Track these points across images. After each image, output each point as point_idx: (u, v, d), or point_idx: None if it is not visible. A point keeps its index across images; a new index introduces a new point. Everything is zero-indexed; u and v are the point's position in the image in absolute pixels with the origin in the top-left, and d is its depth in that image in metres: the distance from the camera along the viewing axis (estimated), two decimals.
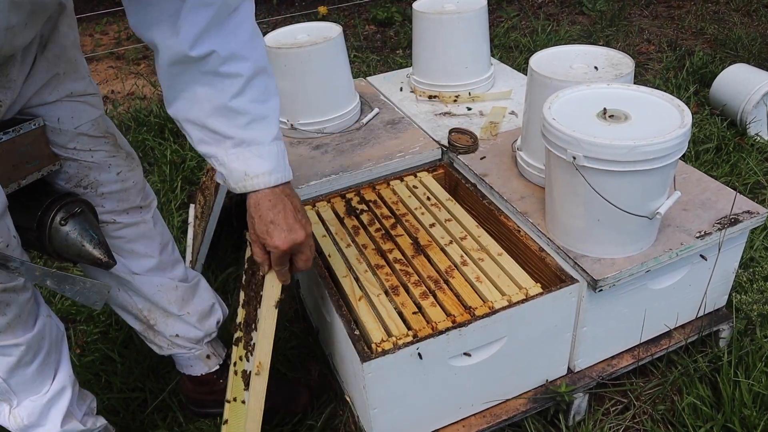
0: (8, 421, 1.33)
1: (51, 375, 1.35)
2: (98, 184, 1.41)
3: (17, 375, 1.29)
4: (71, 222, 1.31)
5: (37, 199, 1.31)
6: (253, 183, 1.23)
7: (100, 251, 1.34)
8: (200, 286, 1.67)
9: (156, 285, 1.55)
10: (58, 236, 1.31)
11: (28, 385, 1.31)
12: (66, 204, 1.32)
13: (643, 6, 4.58)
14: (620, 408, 1.71)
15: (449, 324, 1.38)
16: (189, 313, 1.62)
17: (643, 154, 1.31)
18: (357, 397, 1.47)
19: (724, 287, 1.74)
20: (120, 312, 1.63)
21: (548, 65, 1.68)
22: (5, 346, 1.25)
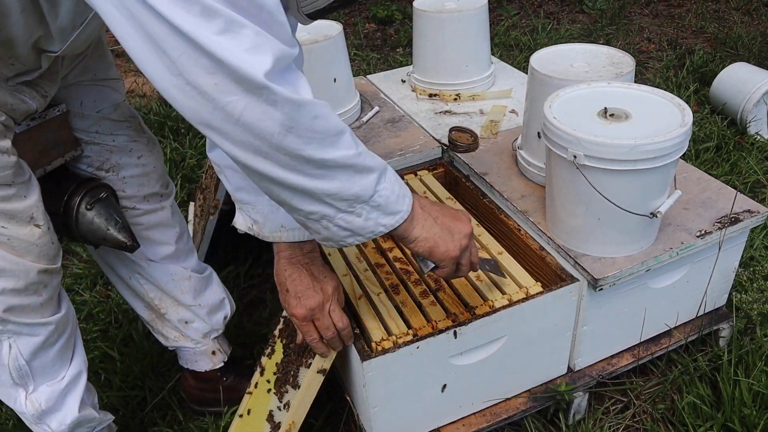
0: (25, 407, 1.33)
1: (68, 359, 1.37)
2: (120, 168, 1.45)
3: (39, 357, 1.30)
4: (97, 206, 1.35)
5: (61, 184, 1.35)
6: (289, 235, 1.23)
7: (125, 235, 1.37)
8: (212, 280, 1.69)
9: (170, 273, 1.58)
10: (84, 221, 1.34)
11: (47, 368, 1.32)
12: (91, 189, 1.36)
13: (643, 5, 4.58)
14: (620, 407, 1.71)
15: (449, 323, 1.38)
16: (200, 305, 1.65)
17: (644, 153, 1.30)
18: (357, 395, 1.47)
19: (724, 286, 1.74)
20: (130, 299, 1.65)
21: (549, 64, 1.68)
22: (34, 324, 1.27)
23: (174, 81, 0.87)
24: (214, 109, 0.88)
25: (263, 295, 2.25)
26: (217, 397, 1.76)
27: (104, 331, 2.13)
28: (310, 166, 0.96)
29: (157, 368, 1.96)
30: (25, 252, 1.19)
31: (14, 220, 1.17)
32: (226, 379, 1.76)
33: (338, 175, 0.99)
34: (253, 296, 2.24)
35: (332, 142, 0.97)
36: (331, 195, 1.00)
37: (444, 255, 1.17)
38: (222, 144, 0.93)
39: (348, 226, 1.05)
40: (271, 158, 0.94)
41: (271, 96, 0.89)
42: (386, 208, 1.06)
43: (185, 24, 0.82)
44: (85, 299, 2.25)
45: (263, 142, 0.92)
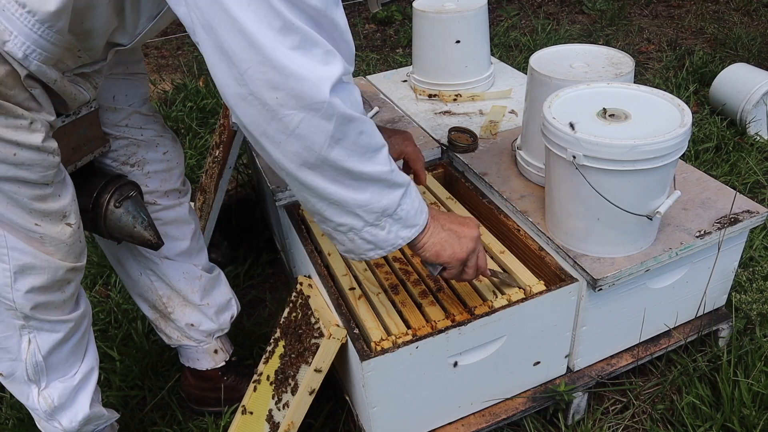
0: (37, 403, 1.34)
1: (81, 356, 1.38)
2: (145, 162, 1.48)
3: (56, 354, 1.31)
4: (125, 204, 1.37)
5: (90, 180, 1.37)
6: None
7: (151, 233, 1.40)
8: (220, 280, 1.71)
9: (182, 272, 1.60)
10: (113, 217, 1.37)
11: (61, 364, 1.34)
12: (120, 186, 1.38)
13: (642, 5, 4.58)
14: (619, 407, 1.71)
15: (449, 323, 1.38)
16: (208, 304, 1.66)
17: (644, 154, 1.30)
18: (356, 395, 1.47)
19: (723, 287, 1.74)
20: (137, 298, 1.66)
21: (548, 64, 1.68)
22: (56, 321, 1.28)
23: (238, 90, 0.94)
24: (271, 120, 0.96)
25: (263, 295, 2.25)
26: (217, 397, 1.76)
27: (104, 330, 2.13)
28: (348, 177, 1.04)
29: (156, 368, 1.96)
30: (55, 250, 1.21)
31: (48, 219, 1.18)
32: (227, 378, 1.76)
33: (370, 188, 1.07)
34: (253, 296, 2.24)
35: (371, 157, 1.06)
36: (362, 206, 1.08)
37: (450, 257, 1.24)
38: (271, 153, 1.01)
39: (372, 239, 1.13)
40: (315, 169, 1.02)
41: (328, 110, 0.97)
42: (406, 221, 1.15)
43: (264, 39, 0.90)
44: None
45: (311, 154, 1.00)
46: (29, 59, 1.04)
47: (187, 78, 3.84)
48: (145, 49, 4.47)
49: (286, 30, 0.91)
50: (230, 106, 0.98)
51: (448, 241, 1.23)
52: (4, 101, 1.04)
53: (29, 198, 1.14)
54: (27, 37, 1.02)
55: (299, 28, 0.92)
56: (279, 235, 2.12)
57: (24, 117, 1.07)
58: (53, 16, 1.02)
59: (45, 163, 1.13)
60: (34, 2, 1.00)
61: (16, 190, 1.12)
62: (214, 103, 3.40)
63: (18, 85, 1.05)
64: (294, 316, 1.54)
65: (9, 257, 1.17)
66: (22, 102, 1.07)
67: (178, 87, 3.67)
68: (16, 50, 1.02)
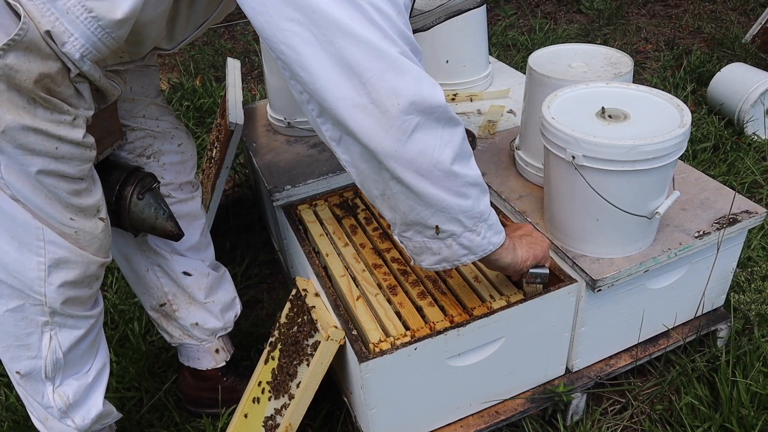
0: (53, 401, 1.33)
1: (95, 353, 1.39)
2: (161, 154, 1.50)
3: (75, 350, 1.32)
4: (147, 196, 1.39)
5: (110, 173, 1.37)
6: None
7: (172, 224, 1.42)
8: (226, 278, 1.73)
9: (190, 268, 1.60)
10: (136, 210, 1.38)
11: (77, 361, 1.35)
12: (141, 178, 1.39)
13: (640, 5, 4.57)
14: (618, 408, 1.71)
15: (447, 324, 1.37)
16: (213, 301, 1.67)
17: (643, 154, 1.30)
18: (355, 397, 1.46)
19: (722, 287, 1.74)
20: (141, 295, 1.66)
21: (547, 64, 1.67)
22: (79, 317, 1.30)
23: (358, 101, 1.00)
24: (390, 128, 1.02)
25: (260, 295, 2.24)
26: (214, 398, 1.75)
27: None
28: (456, 182, 1.11)
29: (153, 369, 1.96)
30: (87, 244, 1.23)
31: (83, 213, 1.20)
32: (227, 379, 1.76)
33: (472, 193, 1.14)
34: (250, 296, 2.23)
35: (467, 162, 1.14)
36: (465, 212, 1.14)
37: (542, 253, 1.37)
38: (387, 163, 1.06)
39: (469, 244, 1.19)
40: (428, 175, 1.08)
41: (443, 114, 1.05)
42: (495, 226, 1.22)
43: (387, 48, 0.99)
44: None
45: (425, 158, 1.06)
46: (84, 60, 1.08)
47: (183, 77, 3.83)
48: None
49: (391, 40, 1.00)
50: (344, 118, 1.02)
51: (533, 243, 1.35)
52: (53, 97, 1.07)
53: (67, 192, 1.16)
54: (87, 40, 1.06)
55: (399, 43, 1.01)
56: (276, 235, 2.11)
57: (68, 113, 1.10)
58: (117, 25, 1.06)
59: (83, 157, 1.16)
60: (101, 9, 1.04)
61: (55, 184, 1.14)
62: (211, 102, 3.39)
63: (66, 81, 1.08)
64: (292, 318, 1.53)
65: (45, 251, 1.18)
66: (68, 98, 1.10)
67: (175, 86, 3.66)
68: (74, 51, 1.06)
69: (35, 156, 1.09)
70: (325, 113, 1.05)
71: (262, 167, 1.90)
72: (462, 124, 1.12)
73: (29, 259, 1.18)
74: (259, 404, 1.52)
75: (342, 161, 1.13)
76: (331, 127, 1.07)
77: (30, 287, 1.21)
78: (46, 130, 1.08)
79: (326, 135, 1.09)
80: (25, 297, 1.22)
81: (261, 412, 1.49)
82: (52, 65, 1.05)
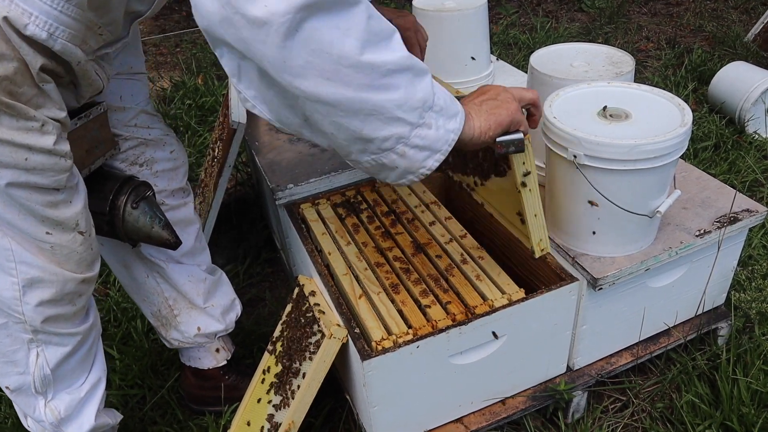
0: (44, 415, 1.33)
1: (89, 366, 1.37)
2: (153, 161, 1.48)
3: (64, 366, 1.30)
4: (142, 204, 1.36)
5: (104, 183, 1.36)
6: None
7: (168, 232, 1.39)
8: (222, 281, 1.72)
9: (186, 275, 1.60)
10: (131, 219, 1.36)
11: (68, 376, 1.32)
12: (135, 187, 1.37)
13: (641, 3, 4.58)
14: (619, 406, 1.71)
15: (449, 322, 1.38)
16: (213, 305, 1.66)
17: (644, 153, 1.31)
18: (357, 395, 1.47)
19: (722, 285, 1.75)
20: (141, 303, 1.65)
21: (549, 63, 1.68)
22: (64, 334, 1.27)
23: (223, 13, 0.85)
24: (267, 36, 0.85)
25: (262, 294, 2.25)
26: (217, 396, 1.76)
27: (103, 329, 2.12)
28: (372, 74, 0.91)
29: (156, 367, 1.96)
30: (65, 260, 1.18)
31: (60, 227, 1.15)
32: (228, 377, 1.77)
33: (400, 81, 0.94)
34: (252, 295, 2.24)
35: (382, 45, 0.92)
36: (400, 105, 0.95)
37: (508, 117, 1.13)
38: (282, 79, 0.89)
39: (424, 143, 1.01)
40: (335, 78, 0.89)
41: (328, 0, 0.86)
42: (447, 110, 1.03)
43: None
44: None
45: (323, 59, 0.88)
46: (54, 38, 1.01)
47: (185, 75, 3.83)
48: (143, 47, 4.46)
49: None
50: (222, 38, 0.88)
51: (495, 108, 1.12)
52: (15, 101, 1.01)
53: (41, 204, 1.11)
54: (48, 15, 1.00)
55: None
56: (279, 234, 2.12)
57: (36, 119, 1.04)
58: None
59: (57, 167, 1.10)
60: None
61: (28, 196, 1.09)
62: (213, 101, 3.39)
63: (27, 81, 1.02)
64: (294, 316, 1.54)
65: (17, 271, 1.15)
66: (31, 99, 1.03)
67: (177, 84, 3.66)
68: (39, 31, 0.99)
69: (3, 168, 1.03)
70: (212, 40, 0.93)
71: (265, 166, 1.90)
72: (363, 1, 0.91)
73: (3, 279, 1.15)
74: (261, 403, 1.52)
75: (251, 104, 0.99)
76: (227, 56, 0.94)
77: (9, 306, 1.18)
78: (11, 140, 1.02)
79: (228, 70, 0.95)
80: (8, 315, 1.20)
81: (263, 411, 1.50)
82: (9, 66, 0.98)
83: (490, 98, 1.14)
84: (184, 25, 4.85)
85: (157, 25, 4.88)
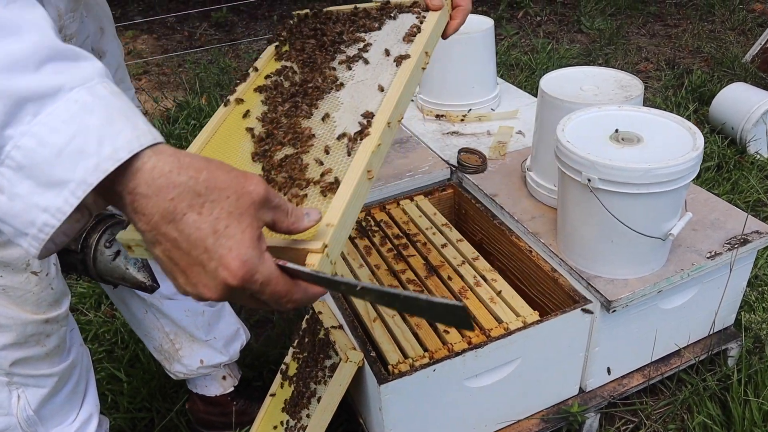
0: None
1: (79, 403, 1.34)
2: None
3: (48, 406, 1.27)
4: (116, 244, 1.30)
5: None
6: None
7: (144, 274, 1.31)
8: (224, 311, 1.67)
9: (183, 310, 1.56)
10: (103, 259, 1.29)
11: (55, 413, 1.30)
12: (111, 225, 1.31)
13: (639, 25, 4.64)
14: (631, 427, 1.71)
15: (465, 345, 1.38)
16: (215, 338, 1.63)
17: (658, 177, 1.32)
18: (372, 418, 1.46)
19: (732, 306, 1.75)
20: (144, 338, 1.62)
21: (558, 87, 1.70)
22: (39, 376, 1.23)
23: None
24: None
25: (270, 315, 2.24)
26: (226, 421, 1.75)
27: (110, 351, 2.11)
28: None
29: (164, 390, 1.95)
30: (21, 301, 1.13)
31: (9, 268, 1.09)
32: (236, 403, 1.75)
33: None
34: (260, 316, 2.23)
35: None
36: None
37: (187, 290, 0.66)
38: None
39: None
40: None
41: None
42: (37, 170, 0.57)
43: None
44: (90, 319, 2.23)
45: None
46: None
47: (189, 95, 3.85)
48: (146, 66, 4.49)
49: None
50: None
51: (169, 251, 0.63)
52: None
53: None
54: None
55: None
56: None
57: None
58: None
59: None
60: None
61: None
62: None
63: None
64: (307, 340, 1.54)
65: None
66: None
67: (181, 105, 3.68)
68: None
69: None
70: None
71: None
72: None
73: None
74: (277, 429, 1.51)
75: None
76: None
77: None
78: None
79: None
80: None
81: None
82: None
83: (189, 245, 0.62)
84: (187, 45, 4.88)
85: (159, 45, 4.91)
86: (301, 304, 0.71)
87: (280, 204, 0.68)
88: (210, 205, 0.61)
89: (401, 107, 0.96)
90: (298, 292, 0.69)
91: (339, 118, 0.95)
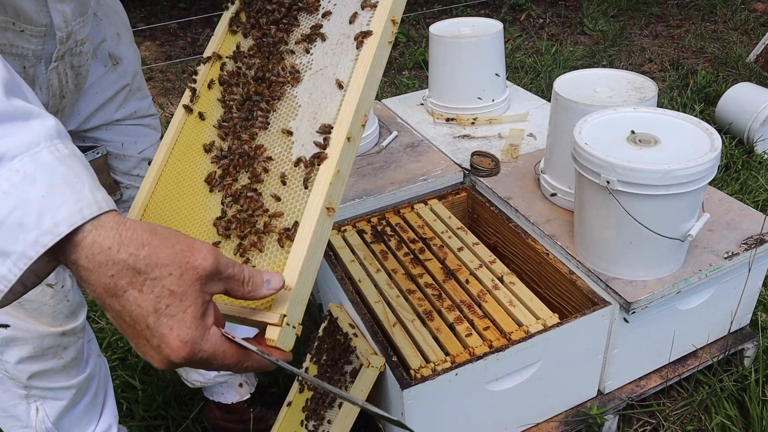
0: None
1: (97, 414, 1.35)
2: None
3: (66, 418, 1.28)
4: None
5: None
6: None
7: None
8: None
9: None
10: None
11: (74, 425, 1.30)
12: None
13: (642, 26, 4.65)
14: (649, 429, 1.71)
15: (486, 349, 1.38)
16: None
17: (677, 178, 1.32)
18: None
19: (748, 306, 1.75)
20: None
21: (572, 89, 1.70)
22: (57, 389, 1.24)
23: None
24: None
25: None
26: (243, 428, 1.75)
27: (123, 359, 2.11)
28: None
29: (179, 397, 1.95)
30: (37, 313, 1.12)
31: None
32: (253, 410, 1.75)
33: None
34: None
35: None
36: None
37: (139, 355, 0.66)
38: None
39: None
40: None
41: None
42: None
43: None
44: (102, 327, 2.23)
45: None
46: None
47: None
48: (150, 73, 4.49)
49: None
50: None
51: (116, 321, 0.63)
52: None
53: None
54: None
55: None
56: None
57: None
58: None
59: None
60: None
61: None
62: None
63: None
64: (326, 346, 1.53)
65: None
66: None
67: None
68: None
69: None
70: None
71: None
72: None
73: None
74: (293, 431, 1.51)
75: None
76: None
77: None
78: None
79: None
80: (1, 372, 1.17)
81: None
82: None
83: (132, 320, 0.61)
84: (190, 51, 4.89)
85: (163, 52, 4.92)
86: (255, 371, 0.72)
87: (233, 274, 0.66)
88: (151, 283, 0.59)
89: (364, 106, 0.86)
90: (249, 361, 0.69)
91: (296, 129, 0.87)
